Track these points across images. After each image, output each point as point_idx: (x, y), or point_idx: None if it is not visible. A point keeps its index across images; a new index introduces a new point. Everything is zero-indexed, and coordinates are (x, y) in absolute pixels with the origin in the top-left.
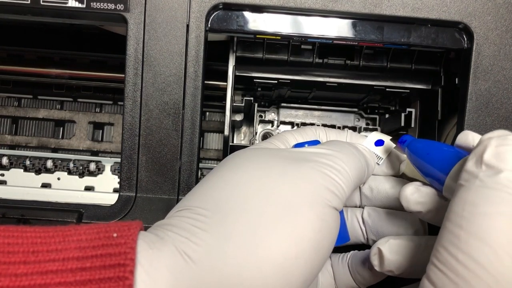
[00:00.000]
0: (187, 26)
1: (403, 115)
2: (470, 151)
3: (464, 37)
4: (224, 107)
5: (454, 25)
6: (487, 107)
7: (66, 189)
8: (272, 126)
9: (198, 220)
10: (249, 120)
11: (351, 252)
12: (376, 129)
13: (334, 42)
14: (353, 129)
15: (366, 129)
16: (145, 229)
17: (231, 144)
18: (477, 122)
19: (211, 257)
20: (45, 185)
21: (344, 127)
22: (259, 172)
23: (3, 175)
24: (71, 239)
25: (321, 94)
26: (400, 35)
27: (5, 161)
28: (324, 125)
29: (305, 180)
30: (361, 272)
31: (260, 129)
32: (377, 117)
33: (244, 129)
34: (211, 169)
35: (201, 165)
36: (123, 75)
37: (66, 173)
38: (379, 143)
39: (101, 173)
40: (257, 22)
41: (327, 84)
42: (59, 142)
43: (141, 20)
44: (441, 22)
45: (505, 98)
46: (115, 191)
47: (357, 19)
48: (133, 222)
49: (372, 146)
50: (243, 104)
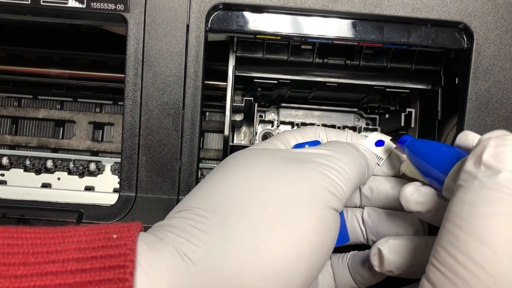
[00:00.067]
0: (187, 26)
1: (403, 115)
2: (470, 151)
3: (464, 37)
4: (224, 107)
5: (454, 25)
6: (487, 107)
7: (66, 189)
8: (272, 126)
9: (198, 221)
10: (249, 120)
11: (351, 252)
12: (376, 129)
13: (334, 42)
14: (353, 129)
15: (366, 129)
16: (145, 229)
17: (231, 144)
18: (477, 122)
19: (211, 258)
20: (45, 185)
21: (344, 127)
22: (259, 173)
23: (3, 175)
24: (70, 240)
25: (321, 94)
26: (400, 35)
27: (5, 161)
28: (324, 125)
29: (305, 181)
30: (361, 273)
31: (260, 129)
32: (377, 117)
33: (244, 129)
34: (211, 169)
35: (201, 165)
36: (123, 75)
37: (66, 173)
38: (379, 143)
39: (101, 173)
40: (257, 22)
41: (327, 84)
42: (59, 142)
43: (141, 20)
44: (441, 22)
45: (505, 98)
46: (115, 191)
47: (357, 19)
48: (133, 223)
49: (372, 147)
50: (243, 104)
